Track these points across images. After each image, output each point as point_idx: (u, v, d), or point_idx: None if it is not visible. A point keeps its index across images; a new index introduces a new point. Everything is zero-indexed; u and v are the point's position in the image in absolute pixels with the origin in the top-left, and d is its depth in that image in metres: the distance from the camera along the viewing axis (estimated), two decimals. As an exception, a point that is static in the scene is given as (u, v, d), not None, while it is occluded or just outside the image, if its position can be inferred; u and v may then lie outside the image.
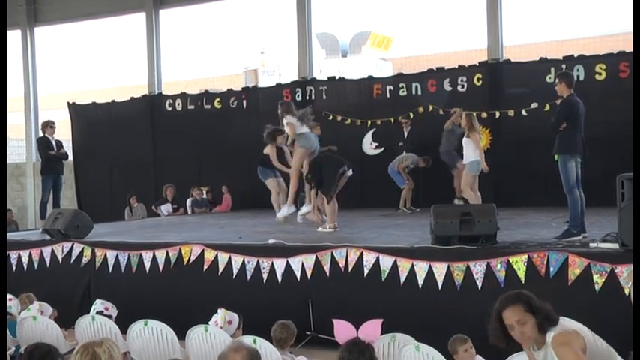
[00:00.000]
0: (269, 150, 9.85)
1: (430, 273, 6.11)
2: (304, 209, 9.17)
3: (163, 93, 14.81)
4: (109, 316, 5.85)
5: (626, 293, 5.23)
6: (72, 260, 8.00)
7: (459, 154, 9.65)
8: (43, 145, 11.19)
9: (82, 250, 7.97)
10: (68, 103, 15.35)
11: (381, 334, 4.66)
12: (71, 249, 8.05)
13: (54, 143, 11.19)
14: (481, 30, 12.12)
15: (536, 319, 3.43)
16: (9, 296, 6.28)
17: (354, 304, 6.27)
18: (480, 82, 11.44)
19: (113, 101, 14.97)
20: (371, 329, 4.28)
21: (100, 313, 5.86)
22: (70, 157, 14.85)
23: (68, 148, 13.51)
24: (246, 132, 13.40)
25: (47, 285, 7.72)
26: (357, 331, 4.32)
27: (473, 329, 5.23)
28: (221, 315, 5.20)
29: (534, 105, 10.83)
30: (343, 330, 4.30)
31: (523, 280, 5.75)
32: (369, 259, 6.41)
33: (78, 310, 6.64)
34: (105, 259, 7.76)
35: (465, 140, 8.98)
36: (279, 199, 10.08)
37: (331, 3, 16.00)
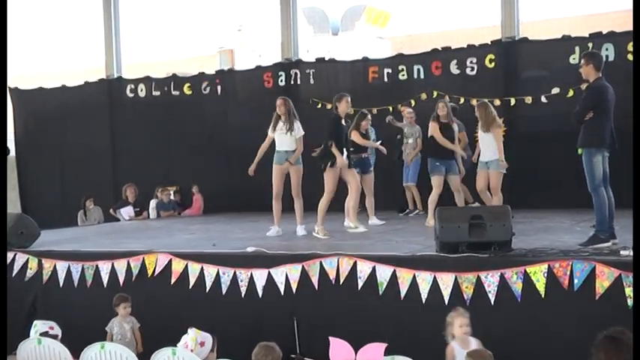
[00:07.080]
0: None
1: (435, 285, 6.12)
2: None
3: (124, 77, 14.76)
4: (55, 337, 5.83)
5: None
6: (14, 273, 7.96)
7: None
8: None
9: (27, 261, 7.94)
10: (9, 88, 15.26)
11: (380, 357, 4.66)
12: (13, 260, 8.00)
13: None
14: (494, 3, 12.14)
15: None
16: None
17: (346, 322, 6.27)
18: (493, 64, 11.46)
19: (64, 86, 14.92)
20: (372, 353, 4.29)
21: (44, 334, 5.82)
22: (12, 152, 14.73)
23: (10, 140, 13.42)
24: (221, 122, 13.38)
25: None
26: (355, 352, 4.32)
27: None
28: (192, 336, 5.21)
29: (555, 90, 10.87)
30: (340, 351, 4.30)
31: (543, 294, 5.77)
32: (364, 269, 6.41)
33: (22, 333, 6.58)
34: (54, 271, 7.73)
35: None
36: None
37: (320, -28, 16.00)
